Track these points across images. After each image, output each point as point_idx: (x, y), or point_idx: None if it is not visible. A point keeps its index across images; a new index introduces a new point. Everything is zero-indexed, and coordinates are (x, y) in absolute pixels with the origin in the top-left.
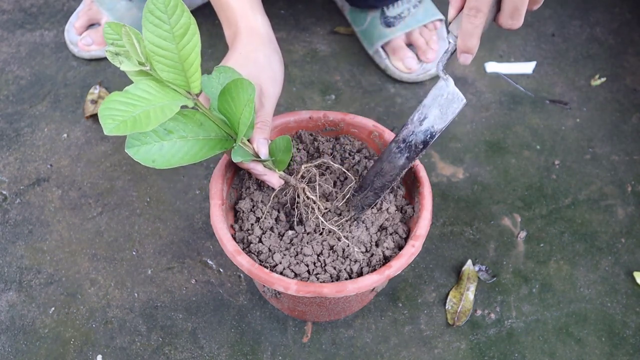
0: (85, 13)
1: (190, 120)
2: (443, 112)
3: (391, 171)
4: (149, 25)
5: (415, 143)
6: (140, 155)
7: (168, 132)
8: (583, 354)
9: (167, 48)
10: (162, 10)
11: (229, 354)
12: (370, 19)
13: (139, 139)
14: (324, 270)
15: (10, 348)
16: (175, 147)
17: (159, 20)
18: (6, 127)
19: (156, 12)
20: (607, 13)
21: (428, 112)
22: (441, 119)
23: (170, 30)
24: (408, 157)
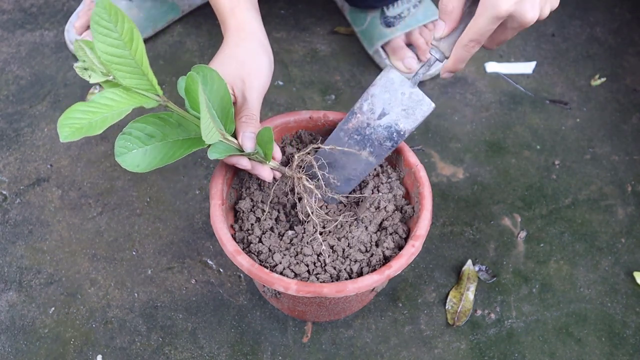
0: (85, 13)
1: (167, 123)
2: (409, 112)
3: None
4: (99, 36)
5: (378, 139)
6: (127, 162)
7: (150, 137)
8: (583, 354)
9: (121, 55)
10: (107, 19)
11: (229, 354)
12: (370, 19)
13: (125, 146)
14: (324, 270)
15: (10, 348)
16: (156, 150)
17: (106, 30)
18: (6, 127)
19: (102, 22)
20: (607, 13)
21: (387, 108)
22: (407, 119)
23: (119, 37)
24: (372, 153)
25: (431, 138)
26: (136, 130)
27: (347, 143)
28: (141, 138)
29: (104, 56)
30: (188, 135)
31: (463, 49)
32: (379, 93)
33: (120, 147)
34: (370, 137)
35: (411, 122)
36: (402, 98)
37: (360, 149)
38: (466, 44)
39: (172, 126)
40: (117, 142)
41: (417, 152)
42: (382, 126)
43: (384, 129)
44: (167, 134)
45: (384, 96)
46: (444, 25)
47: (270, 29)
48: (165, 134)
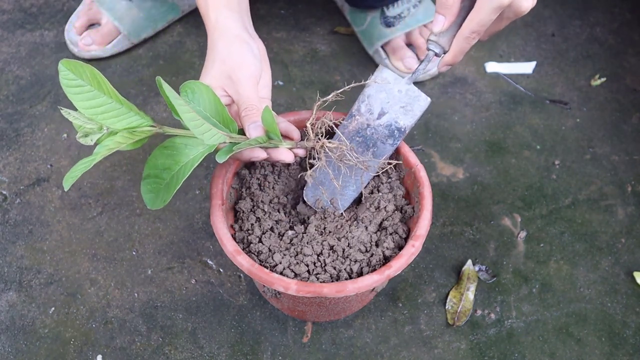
0: (85, 13)
1: (174, 148)
2: (408, 109)
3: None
4: (74, 96)
5: (379, 138)
6: (158, 203)
7: (166, 170)
8: (583, 354)
9: (101, 103)
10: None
11: (229, 354)
12: (370, 19)
13: (153, 191)
14: (324, 270)
15: (10, 348)
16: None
17: (77, 88)
18: (6, 127)
19: (70, 82)
20: (607, 13)
21: (385, 107)
22: (406, 115)
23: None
24: (374, 154)
25: (431, 138)
26: (152, 170)
27: None
28: (160, 175)
29: (88, 112)
30: (198, 151)
31: (464, 41)
32: (374, 93)
33: (148, 193)
34: (372, 138)
35: (410, 118)
36: (399, 96)
37: (364, 150)
38: (467, 36)
39: (181, 149)
40: (143, 190)
41: (417, 152)
42: (382, 125)
43: (385, 127)
44: (180, 158)
45: (380, 96)
46: (444, 20)
47: (270, 29)
48: (176, 160)
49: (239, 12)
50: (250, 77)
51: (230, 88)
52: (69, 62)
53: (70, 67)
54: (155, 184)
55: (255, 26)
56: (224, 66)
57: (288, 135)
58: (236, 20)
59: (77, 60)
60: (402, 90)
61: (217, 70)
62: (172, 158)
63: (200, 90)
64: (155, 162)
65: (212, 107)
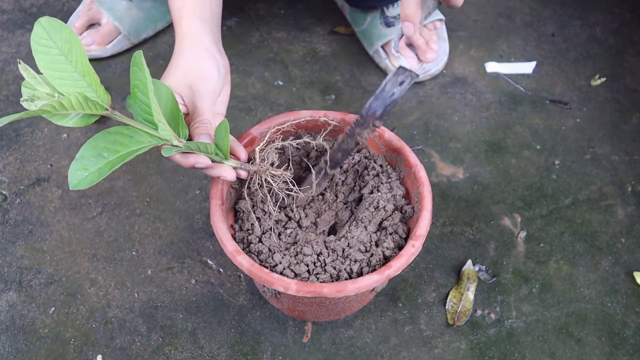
0: (85, 13)
1: (118, 136)
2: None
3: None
4: (39, 55)
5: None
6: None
7: (103, 155)
8: (583, 354)
9: (63, 69)
10: (45, 37)
11: (229, 354)
12: (370, 19)
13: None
14: (324, 270)
15: (10, 348)
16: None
17: (45, 47)
18: (6, 127)
19: (41, 40)
20: (607, 13)
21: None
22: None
23: (59, 52)
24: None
25: (431, 138)
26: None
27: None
28: (95, 159)
29: (47, 73)
30: (141, 146)
31: None
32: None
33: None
34: None
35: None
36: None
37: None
38: None
39: (124, 138)
40: (72, 168)
41: (417, 152)
42: None
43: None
44: (120, 147)
45: None
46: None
47: (270, 28)
48: (116, 150)
49: (210, 24)
50: (209, 92)
51: (188, 98)
52: (50, 21)
53: (48, 25)
54: (87, 166)
55: (255, 26)
56: (187, 75)
57: (234, 153)
58: (207, 33)
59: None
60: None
61: (180, 77)
62: (113, 145)
63: (161, 89)
64: (95, 144)
65: (169, 109)
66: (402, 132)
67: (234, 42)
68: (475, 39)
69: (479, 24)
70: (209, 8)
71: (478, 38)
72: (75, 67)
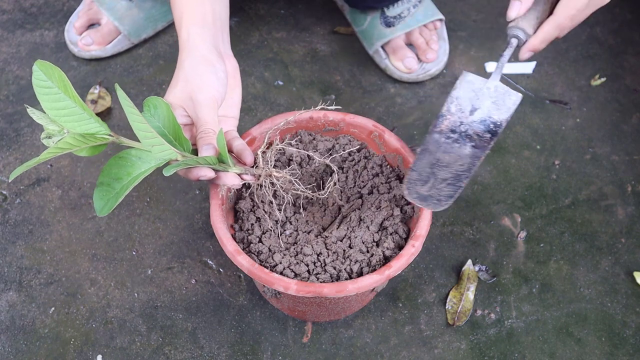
0: (85, 13)
1: (128, 160)
2: (500, 104)
3: (458, 161)
4: (43, 97)
5: (476, 133)
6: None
7: (118, 180)
8: (583, 354)
9: (65, 107)
10: (44, 78)
11: (229, 354)
12: (370, 19)
13: (103, 198)
14: (324, 270)
15: (10, 348)
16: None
17: (46, 88)
18: (6, 127)
19: (41, 83)
20: (607, 13)
21: (475, 103)
22: (499, 110)
23: (59, 90)
24: (475, 146)
25: None
26: (106, 178)
27: (445, 143)
28: (111, 184)
29: (52, 112)
30: (150, 165)
31: (556, 28)
32: (463, 94)
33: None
34: (468, 133)
35: (504, 112)
36: (488, 92)
37: (461, 145)
38: (561, 23)
39: (134, 160)
40: (95, 196)
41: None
42: (476, 121)
43: (479, 123)
44: (132, 169)
45: (469, 95)
46: (519, 4)
47: (270, 28)
48: (128, 172)
49: (213, 29)
50: (210, 99)
51: (190, 109)
52: (43, 64)
53: (43, 68)
54: (107, 192)
55: (255, 26)
56: (186, 86)
57: (240, 157)
58: (206, 40)
59: (49, 63)
60: (491, 87)
61: (180, 89)
62: (125, 169)
63: (160, 106)
64: (109, 170)
65: (169, 124)
66: (402, 132)
67: (234, 42)
68: (475, 39)
69: (479, 24)
70: (210, 12)
71: (478, 38)
72: (74, 102)
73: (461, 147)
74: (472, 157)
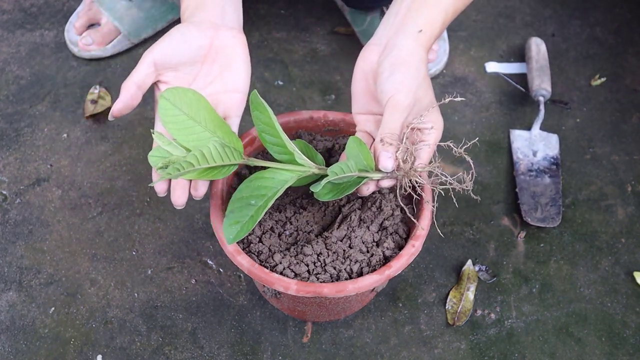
0: (85, 13)
1: (261, 181)
2: (547, 144)
3: (548, 187)
4: (170, 125)
5: (545, 167)
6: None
7: (250, 205)
8: (583, 354)
9: (195, 132)
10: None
11: (229, 354)
12: (370, 19)
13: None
14: (324, 270)
15: (10, 348)
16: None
17: (174, 117)
18: (6, 127)
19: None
20: (607, 13)
21: (533, 148)
22: (550, 147)
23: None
24: (550, 176)
25: None
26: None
27: (530, 179)
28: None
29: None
30: (285, 182)
31: None
32: (520, 145)
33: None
34: (540, 169)
35: (554, 148)
36: (536, 138)
37: (541, 178)
38: None
39: (267, 181)
40: (224, 225)
41: None
42: (540, 160)
43: (543, 160)
44: (264, 192)
45: (524, 144)
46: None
47: (270, 28)
48: (262, 194)
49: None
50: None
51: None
52: (171, 91)
53: (171, 95)
54: (239, 218)
55: (256, 26)
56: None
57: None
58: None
59: (180, 87)
60: (536, 135)
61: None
62: (258, 190)
63: None
64: (240, 195)
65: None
66: None
67: None
68: (475, 39)
69: (479, 24)
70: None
71: (478, 38)
72: (205, 126)
73: (542, 179)
74: (554, 184)
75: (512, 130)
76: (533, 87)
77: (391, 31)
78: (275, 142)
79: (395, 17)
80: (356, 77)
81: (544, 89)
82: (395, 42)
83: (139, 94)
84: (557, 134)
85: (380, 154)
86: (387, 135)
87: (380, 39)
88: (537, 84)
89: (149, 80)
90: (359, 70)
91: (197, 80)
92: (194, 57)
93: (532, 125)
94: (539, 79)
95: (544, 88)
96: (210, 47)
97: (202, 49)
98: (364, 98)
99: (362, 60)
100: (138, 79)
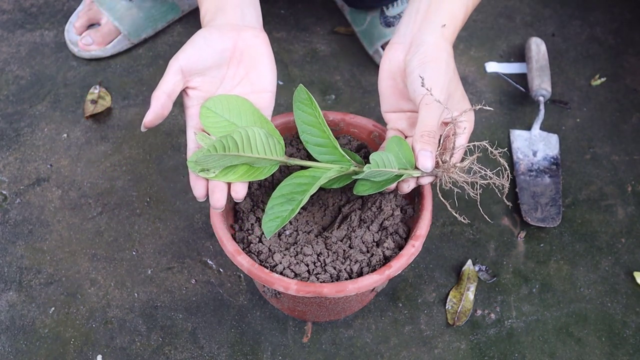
0: (85, 13)
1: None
2: (547, 144)
3: (548, 187)
4: (212, 129)
5: (545, 167)
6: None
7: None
8: (583, 354)
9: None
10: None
11: (229, 354)
12: (370, 19)
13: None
14: (324, 270)
15: (10, 348)
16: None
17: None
18: (6, 127)
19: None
20: (607, 13)
21: (532, 148)
22: (550, 147)
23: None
24: (551, 176)
25: None
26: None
27: (530, 179)
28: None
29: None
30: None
31: None
32: (520, 144)
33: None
34: (540, 169)
35: (554, 148)
36: (536, 139)
37: (542, 178)
38: None
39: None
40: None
41: None
42: (540, 160)
43: (543, 160)
44: (305, 189)
45: (524, 144)
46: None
47: (270, 28)
48: (303, 190)
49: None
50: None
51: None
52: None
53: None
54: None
55: None
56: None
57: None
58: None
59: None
60: (535, 134)
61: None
62: (300, 187)
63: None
64: (281, 192)
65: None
66: None
67: None
68: (475, 39)
69: (479, 24)
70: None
71: (478, 38)
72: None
73: (542, 179)
74: (554, 184)
75: (512, 130)
76: (533, 87)
77: (414, 28)
78: (317, 142)
79: (417, 14)
80: (382, 76)
81: (544, 89)
82: (420, 39)
83: (169, 102)
84: (557, 134)
85: (419, 153)
86: (425, 133)
87: (404, 36)
88: (537, 84)
89: (178, 88)
90: (384, 69)
91: (225, 82)
92: (219, 60)
93: (532, 125)
94: (539, 79)
95: (544, 88)
96: (234, 49)
97: (227, 51)
98: (392, 97)
99: (388, 60)
100: (167, 87)
